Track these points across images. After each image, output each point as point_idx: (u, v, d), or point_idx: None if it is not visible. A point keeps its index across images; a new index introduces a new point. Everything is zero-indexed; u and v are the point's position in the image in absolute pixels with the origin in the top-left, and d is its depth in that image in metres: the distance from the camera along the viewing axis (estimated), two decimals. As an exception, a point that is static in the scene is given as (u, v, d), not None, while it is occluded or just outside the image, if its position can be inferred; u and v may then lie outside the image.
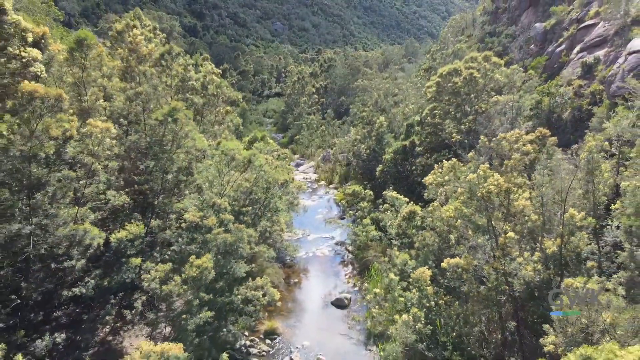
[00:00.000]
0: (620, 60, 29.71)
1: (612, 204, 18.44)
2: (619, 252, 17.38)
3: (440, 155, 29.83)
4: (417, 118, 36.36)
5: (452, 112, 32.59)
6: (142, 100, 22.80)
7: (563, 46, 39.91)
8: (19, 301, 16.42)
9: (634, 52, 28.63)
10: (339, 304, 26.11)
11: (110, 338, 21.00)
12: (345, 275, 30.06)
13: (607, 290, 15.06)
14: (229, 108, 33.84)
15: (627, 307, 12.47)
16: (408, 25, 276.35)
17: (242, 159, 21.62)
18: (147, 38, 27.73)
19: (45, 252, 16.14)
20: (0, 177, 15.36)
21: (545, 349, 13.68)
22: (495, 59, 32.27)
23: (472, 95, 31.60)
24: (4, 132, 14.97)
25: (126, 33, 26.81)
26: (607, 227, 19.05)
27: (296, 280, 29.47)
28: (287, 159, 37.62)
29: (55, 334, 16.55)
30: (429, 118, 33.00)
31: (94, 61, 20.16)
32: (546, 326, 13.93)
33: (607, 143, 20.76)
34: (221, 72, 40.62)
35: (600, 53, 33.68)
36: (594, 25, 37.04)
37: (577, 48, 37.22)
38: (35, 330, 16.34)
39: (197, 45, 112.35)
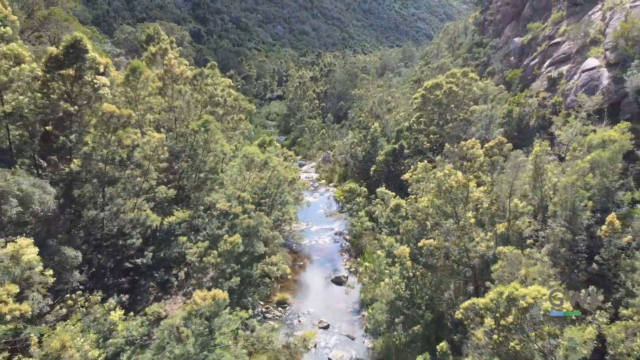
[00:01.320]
0: (576, 77, 34.91)
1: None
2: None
3: (424, 157, 35.02)
4: (406, 124, 41.55)
5: (436, 120, 37.81)
6: (176, 112, 28.04)
7: (536, 60, 45.04)
8: (93, 269, 21.69)
9: (587, 70, 33.80)
10: (338, 281, 31.32)
11: (155, 305, 26.26)
12: (343, 259, 35.29)
13: (539, 260, 20.38)
14: (242, 116, 39.05)
15: (537, 264, 17.68)
16: (406, 27, 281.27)
17: (259, 161, 26.83)
18: (176, 57, 32.94)
19: (116, 232, 21.34)
20: (84, 176, 20.60)
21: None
22: (472, 74, 37.46)
23: (452, 105, 36.79)
24: (89, 142, 20.20)
25: (158, 55, 32.04)
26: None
27: (301, 263, 34.67)
28: (292, 160, 42.81)
29: (121, 295, 21.74)
30: (415, 125, 38.20)
31: (141, 84, 25.33)
32: (488, 283, 19.16)
33: (549, 148, 25.91)
34: (232, 83, 45.72)
35: (564, 68, 38.81)
36: (562, 42, 42.22)
37: (547, 63, 42.36)
38: (108, 291, 21.50)
39: (204, 52, 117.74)
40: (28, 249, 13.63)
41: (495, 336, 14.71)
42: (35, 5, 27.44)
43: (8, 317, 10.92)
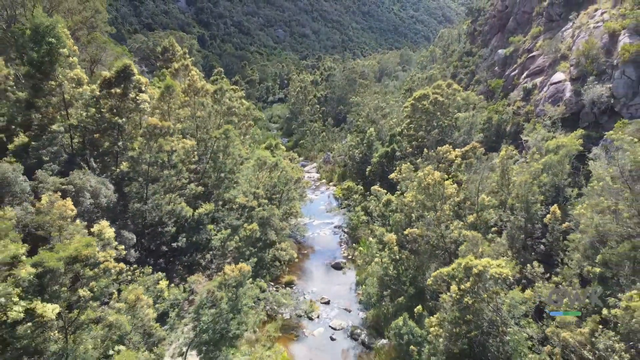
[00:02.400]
0: (545, 88, 39.77)
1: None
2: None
3: (410, 160, 39.90)
4: (399, 129, 46.44)
5: (424, 126, 42.73)
6: (198, 121, 32.93)
7: (516, 71, 49.88)
8: (138, 251, 26.51)
9: (554, 83, 38.66)
10: (337, 266, 36.20)
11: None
12: (342, 248, 40.17)
13: (499, 242, 25.30)
14: (251, 122, 43.95)
15: (492, 245, 22.58)
16: (405, 29, 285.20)
17: (270, 163, 31.73)
18: (195, 70, 37.80)
19: (156, 221, 26.19)
20: (132, 175, 25.46)
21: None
22: (456, 85, 42.36)
23: (438, 113, 41.70)
24: (136, 147, 25.07)
25: (181, 70, 36.93)
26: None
27: (305, 252, 39.55)
28: (296, 162, 47.75)
29: (159, 273, 26.54)
30: (406, 130, 43.10)
31: (173, 99, 30.20)
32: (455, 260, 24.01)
33: (515, 152, 30.78)
34: (243, 94, 50.55)
35: (538, 80, 43.65)
36: (538, 56, 47.06)
37: (525, 74, 47.22)
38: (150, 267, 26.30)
39: (210, 58, 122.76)
40: (107, 229, 18.49)
41: (454, 295, 19.56)
42: (79, 30, 32.40)
43: (112, 271, 15.74)
